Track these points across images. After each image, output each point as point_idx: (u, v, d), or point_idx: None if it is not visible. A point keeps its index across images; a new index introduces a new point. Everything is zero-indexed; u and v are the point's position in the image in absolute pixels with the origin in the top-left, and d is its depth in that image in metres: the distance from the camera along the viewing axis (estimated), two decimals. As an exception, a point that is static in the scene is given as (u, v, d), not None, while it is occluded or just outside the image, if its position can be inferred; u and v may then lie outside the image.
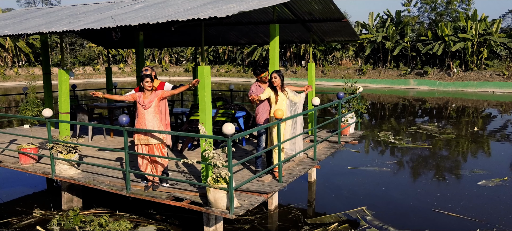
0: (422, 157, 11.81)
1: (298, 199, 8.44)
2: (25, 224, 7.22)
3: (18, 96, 28.75)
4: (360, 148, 13.15)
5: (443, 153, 12.59)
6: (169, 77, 56.12)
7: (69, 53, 58.61)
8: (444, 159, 11.86)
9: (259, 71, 6.46)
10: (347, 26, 8.98)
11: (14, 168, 7.50)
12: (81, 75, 54.96)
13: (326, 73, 44.37)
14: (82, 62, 59.42)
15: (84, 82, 50.93)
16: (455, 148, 13.09)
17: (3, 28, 7.78)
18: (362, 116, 9.81)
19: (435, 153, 12.42)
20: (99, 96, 5.87)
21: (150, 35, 10.81)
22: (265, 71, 6.49)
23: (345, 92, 9.75)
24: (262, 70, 6.45)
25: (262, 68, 6.46)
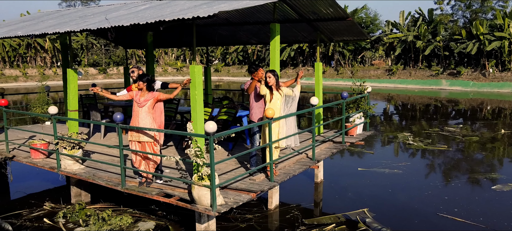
0: (438, 160, 11.45)
1: (302, 199, 8.41)
2: (34, 216, 7.58)
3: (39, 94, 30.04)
4: (374, 149, 12.91)
5: (462, 155, 12.15)
6: (200, 77, 56.88)
7: (104, 53, 60.62)
8: (460, 161, 11.45)
9: (253, 69, 6.52)
10: (353, 25, 8.86)
11: (26, 163, 7.90)
12: (115, 74, 56.77)
13: (354, 73, 43.66)
14: (117, 62, 61.30)
15: (118, 81, 52.52)
16: (476, 150, 12.60)
17: (18, 29, 8.21)
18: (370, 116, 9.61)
19: (453, 155, 12.00)
20: (97, 92, 6.11)
21: (160, 35, 11.06)
22: (258, 69, 6.55)
23: (353, 92, 9.61)
24: (255, 68, 6.51)
25: (256, 67, 6.52)
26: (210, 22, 10.25)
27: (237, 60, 59.43)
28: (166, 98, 6.17)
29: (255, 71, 6.43)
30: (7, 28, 8.92)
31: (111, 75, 56.42)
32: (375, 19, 46.27)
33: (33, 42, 52.40)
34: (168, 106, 9.04)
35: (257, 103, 6.56)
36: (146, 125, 6.02)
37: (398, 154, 12.36)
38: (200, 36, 11.44)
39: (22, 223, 7.27)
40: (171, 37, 11.83)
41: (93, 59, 59.18)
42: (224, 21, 9.89)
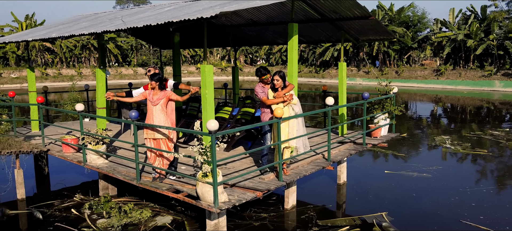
0: (473, 164, 10.89)
1: (321, 200, 8.34)
2: (64, 206, 8.09)
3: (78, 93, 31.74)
4: (407, 151, 12.49)
5: (501, 160, 11.46)
6: (243, 77, 57.57)
7: (152, 54, 62.84)
8: (498, 167, 10.81)
9: (261, 73, 6.60)
10: (377, 24, 8.65)
11: (58, 156, 8.45)
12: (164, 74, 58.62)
13: (400, 74, 42.29)
14: (164, 62, 63.36)
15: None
16: (519, 156, 11.84)
17: (53, 31, 8.80)
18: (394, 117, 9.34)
19: (490, 160, 11.36)
20: (110, 97, 6.40)
21: (188, 35, 11.36)
22: (267, 73, 6.61)
23: (379, 93, 9.39)
24: (264, 73, 6.58)
25: (264, 71, 6.59)
26: (236, 22, 10.41)
27: (280, 60, 59.46)
28: (176, 99, 6.36)
29: (263, 76, 6.51)
30: (45, 31, 9.58)
31: (166, 73, 58.32)
32: (423, 17, 44.49)
33: (87, 43, 55.36)
34: (192, 105, 9.29)
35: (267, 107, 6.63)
36: (160, 123, 6.25)
37: (432, 157, 11.88)
38: (226, 36, 11.63)
39: (52, 213, 7.79)
40: (198, 37, 12.11)
41: (142, 60, 61.54)
42: (249, 21, 10.01)
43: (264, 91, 6.52)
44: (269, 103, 6.37)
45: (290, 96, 6.31)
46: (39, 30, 10.67)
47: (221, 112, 8.75)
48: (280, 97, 6.31)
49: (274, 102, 6.33)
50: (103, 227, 6.96)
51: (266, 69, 6.64)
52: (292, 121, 6.38)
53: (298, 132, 6.46)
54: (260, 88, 6.58)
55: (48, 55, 54.00)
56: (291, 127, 6.38)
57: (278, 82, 6.30)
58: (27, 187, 9.19)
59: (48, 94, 11.32)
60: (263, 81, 6.61)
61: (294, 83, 7.61)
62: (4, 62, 51.92)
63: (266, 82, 6.63)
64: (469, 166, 10.87)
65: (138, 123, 6.30)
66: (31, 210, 7.97)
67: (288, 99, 6.27)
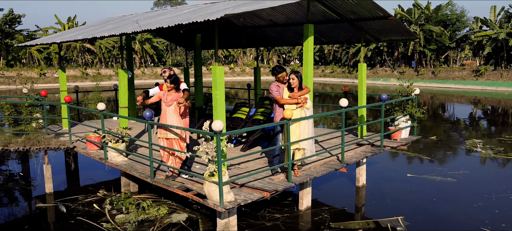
0: (503, 170, 10.42)
1: (338, 203, 8.26)
2: (87, 201, 8.45)
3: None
4: (433, 154, 12.12)
5: (535, 167, 10.90)
6: (275, 77, 57.54)
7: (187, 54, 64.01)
8: (532, 173, 10.29)
9: (276, 71, 6.61)
10: (398, 24, 8.46)
11: (83, 153, 8.83)
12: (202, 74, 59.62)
13: (436, 74, 40.93)
14: (198, 62, 64.42)
15: None
16: (555, 162, 11.21)
17: (80, 34, 9.21)
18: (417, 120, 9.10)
19: (524, 166, 10.83)
20: (139, 102, 6.60)
21: (211, 36, 11.51)
22: (283, 71, 6.61)
23: (399, 94, 9.18)
24: (279, 71, 6.59)
25: (280, 69, 6.60)
26: (257, 24, 10.48)
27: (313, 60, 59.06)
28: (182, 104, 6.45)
29: (278, 74, 6.52)
30: (74, 33, 10.03)
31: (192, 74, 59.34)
32: (462, 15, 42.84)
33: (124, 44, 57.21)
34: (211, 105, 9.44)
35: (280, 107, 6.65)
36: (173, 123, 6.42)
37: (459, 161, 11.47)
38: (250, 37, 11.73)
39: (76, 207, 8.16)
40: (221, 39, 12.26)
41: (176, 60, 62.87)
42: (270, 22, 10.05)
43: (278, 90, 6.54)
44: (283, 102, 6.39)
45: (304, 99, 6.30)
46: (69, 32, 11.18)
47: (239, 112, 8.84)
48: (294, 99, 6.31)
49: (288, 102, 6.34)
50: (121, 222, 7.22)
51: (281, 67, 6.66)
52: (303, 123, 6.37)
53: (308, 135, 6.44)
54: (275, 86, 6.61)
55: (88, 55, 56.23)
56: (302, 129, 6.38)
57: (293, 81, 6.31)
58: (58, 182, 9.69)
59: (78, 93, 11.84)
60: (279, 79, 6.63)
61: (309, 84, 7.59)
62: (48, 63, 54.56)
63: (281, 81, 6.65)
64: (498, 172, 10.42)
65: (151, 122, 6.49)
66: (57, 204, 8.37)
67: (302, 101, 6.27)
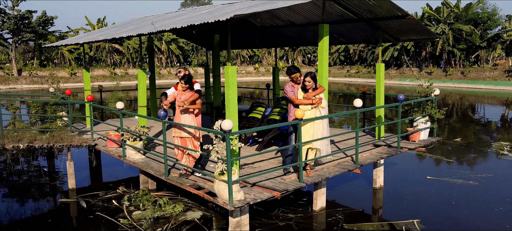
0: (530, 174, 10.05)
1: (354, 204, 8.20)
2: (107, 197, 8.70)
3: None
4: (456, 157, 11.81)
5: None
6: (300, 77, 57.32)
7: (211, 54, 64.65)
8: (560, 178, 9.88)
9: (290, 71, 6.63)
10: (417, 24, 8.31)
11: (103, 151, 9.09)
12: (221, 74, 60.13)
13: (466, 75, 39.75)
14: (223, 62, 64.98)
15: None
16: None
17: (101, 35, 9.49)
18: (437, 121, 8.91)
19: (552, 170, 10.41)
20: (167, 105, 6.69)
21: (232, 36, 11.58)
22: (297, 72, 6.62)
23: (418, 95, 9.01)
24: (293, 71, 6.60)
25: (294, 69, 6.61)
26: (276, 24, 10.51)
27: (338, 61, 58.44)
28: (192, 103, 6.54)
29: (293, 74, 6.55)
30: (97, 34, 10.35)
31: None
32: (493, 13, 41.42)
33: (144, 44, 58.31)
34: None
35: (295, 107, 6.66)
36: (186, 122, 6.54)
37: (483, 164, 11.14)
38: (269, 37, 11.76)
39: (96, 202, 8.42)
40: (241, 39, 12.35)
41: (202, 60, 63.57)
42: (287, 22, 10.06)
43: (293, 90, 6.56)
44: (298, 102, 6.40)
45: (319, 99, 6.30)
46: (91, 33, 11.53)
47: (255, 112, 8.90)
48: (309, 99, 6.32)
49: (302, 103, 6.35)
50: (137, 219, 7.40)
51: (295, 67, 6.68)
52: (317, 122, 6.36)
53: (322, 135, 6.42)
54: (289, 87, 6.63)
55: (116, 56, 57.62)
56: (315, 129, 6.37)
57: (309, 83, 6.33)
58: (82, 178, 10.03)
59: (102, 92, 12.20)
60: (293, 79, 6.65)
61: (324, 85, 7.56)
62: (78, 63, 56.26)
63: (295, 81, 6.66)
64: (525, 175, 10.05)
65: (166, 121, 6.63)
66: (78, 199, 8.66)
67: (316, 102, 6.27)
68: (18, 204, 8.63)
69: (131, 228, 7.06)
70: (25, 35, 49.88)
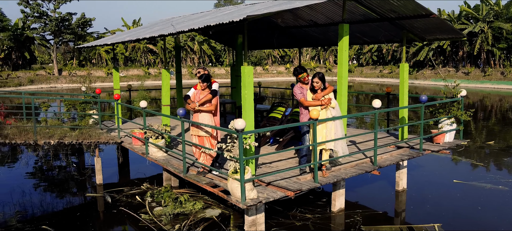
0: None
1: (375, 206, 8.08)
2: (131, 193, 8.99)
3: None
4: (488, 161, 11.37)
5: None
6: (332, 77, 56.81)
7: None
8: None
9: (297, 72, 6.64)
10: (442, 23, 8.08)
11: (128, 148, 9.40)
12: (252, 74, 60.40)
13: (506, 75, 38.05)
14: (254, 62, 65.21)
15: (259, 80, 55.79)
16: None
17: (127, 36, 9.81)
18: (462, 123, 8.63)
19: None
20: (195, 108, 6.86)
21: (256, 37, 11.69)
22: (303, 72, 6.62)
23: (444, 96, 8.76)
24: (300, 71, 6.61)
25: (301, 70, 6.61)
26: (299, 24, 10.50)
27: (371, 61, 57.39)
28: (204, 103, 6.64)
29: (299, 75, 6.55)
30: (124, 35, 10.70)
31: None
32: (537, 11, 39.44)
33: (184, 45, 59.38)
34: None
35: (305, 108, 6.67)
36: (203, 121, 6.67)
37: (516, 169, 10.68)
38: (292, 37, 11.77)
39: (120, 198, 8.72)
40: (264, 39, 12.40)
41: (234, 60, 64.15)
42: (310, 22, 10.03)
43: (302, 92, 6.57)
44: (307, 104, 6.41)
45: (328, 100, 6.27)
46: (119, 35, 11.92)
47: (275, 112, 8.94)
48: (317, 100, 6.31)
49: (311, 104, 6.36)
50: (158, 215, 7.61)
51: (302, 68, 6.68)
52: (330, 123, 6.33)
53: (336, 135, 6.39)
54: (298, 88, 6.64)
55: (150, 56, 59.06)
56: (328, 130, 6.34)
57: (317, 84, 6.32)
58: (110, 174, 10.42)
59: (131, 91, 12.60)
60: (300, 80, 6.65)
61: (343, 85, 7.51)
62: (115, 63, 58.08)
63: (303, 82, 6.67)
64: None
65: (184, 120, 6.79)
66: (104, 194, 9.00)
67: (325, 102, 6.25)
68: (50, 197, 9.05)
69: (152, 224, 7.28)
70: (65, 37, 52.02)
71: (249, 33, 12.25)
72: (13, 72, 48.11)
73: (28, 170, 11.42)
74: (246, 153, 6.26)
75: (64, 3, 50.70)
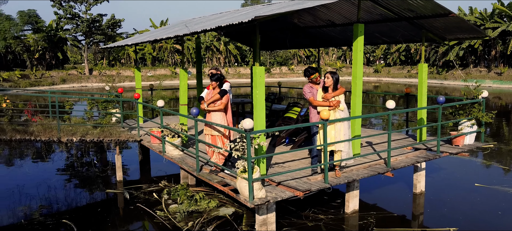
0: None
1: (390, 208, 7.97)
2: (150, 190, 9.21)
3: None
4: None
5: None
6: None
7: (269, 54, 65.11)
8: None
9: (309, 72, 6.62)
10: (461, 22, 7.87)
11: (147, 146, 9.62)
12: (277, 74, 60.52)
13: (542, 75, 36.48)
14: (280, 62, 65.19)
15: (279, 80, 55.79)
16: None
17: (148, 37, 10.04)
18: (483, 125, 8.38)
19: None
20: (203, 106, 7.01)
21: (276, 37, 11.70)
22: (315, 72, 6.60)
23: (465, 97, 8.53)
24: (312, 72, 6.59)
25: (312, 70, 6.59)
26: (317, 24, 10.46)
27: (398, 61, 56.24)
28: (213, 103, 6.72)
29: (311, 75, 6.53)
30: (144, 36, 10.96)
31: (274, 74, 60.26)
32: None
33: (210, 45, 60.03)
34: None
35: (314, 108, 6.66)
36: (215, 121, 6.77)
37: (544, 173, 10.26)
38: (311, 37, 11.72)
39: (138, 194, 8.95)
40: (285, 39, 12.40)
41: (259, 60, 64.32)
42: (328, 22, 9.97)
43: (311, 91, 6.56)
44: (315, 104, 6.40)
45: (336, 102, 6.24)
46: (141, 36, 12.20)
47: (290, 112, 8.94)
48: (326, 101, 6.29)
49: (320, 104, 6.34)
50: (173, 212, 7.77)
51: (314, 68, 6.68)
52: (338, 124, 6.30)
53: (344, 137, 6.35)
54: (308, 88, 6.63)
55: (177, 56, 60.01)
56: (337, 131, 6.31)
57: (328, 80, 6.30)
58: (131, 171, 10.69)
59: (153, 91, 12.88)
60: (312, 80, 6.64)
61: (358, 86, 7.43)
62: (143, 62, 59.37)
63: (315, 82, 6.66)
64: None
65: (198, 119, 6.90)
66: (123, 191, 9.25)
67: (334, 104, 6.22)
68: (73, 193, 9.38)
69: (166, 220, 7.44)
70: (96, 37, 53.62)
71: (268, 34, 12.30)
72: (47, 71, 49.98)
73: (56, 166, 11.87)
74: (256, 153, 6.32)
75: (95, 5, 52.23)
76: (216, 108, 6.79)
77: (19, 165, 12.19)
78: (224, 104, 6.76)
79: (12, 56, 50.35)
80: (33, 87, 45.42)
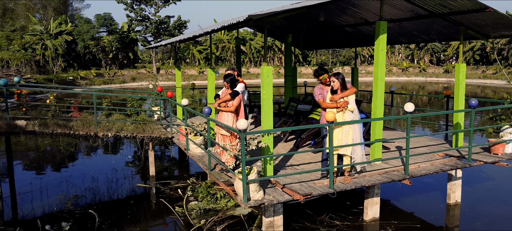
0: None
1: (416, 219, 7.44)
2: (176, 186, 9.47)
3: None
4: None
5: None
6: (426, 78, 53.02)
7: (331, 53, 63.86)
8: None
9: (318, 73, 6.38)
10: (503, 18, 7.08)
11: (176, 143, 9.90)
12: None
13: None
14: (342, 62, 63.63)
15: None
16: None
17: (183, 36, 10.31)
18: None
19: None
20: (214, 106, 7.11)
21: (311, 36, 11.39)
22: (324, 73, 6.34)
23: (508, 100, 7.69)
24: (321, 73, 6.34)
25: (321, 71, 6.34)
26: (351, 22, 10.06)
27: (472, 60, 52.23)
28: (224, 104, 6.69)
29: (321, 76, 6.29)
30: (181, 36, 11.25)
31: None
32: None
33: (272, 44, 60.22)
34: (291, 105, 9.49)
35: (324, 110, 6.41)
36: (225, 120, 6.77)
37: None
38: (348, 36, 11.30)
39: (164, 190, 9.24)
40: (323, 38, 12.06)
41: (321, 60, 63.33)
42: (362, 20, 9.55)
43: (322, 93, 6.31)
44: (324, 106, 6.15)
45: (344, 102, 5.94)
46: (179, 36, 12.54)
47: (314, 113, 8.69)
48: (334, 102, 6.02)
49: (329, 106, 6.09)
50: (191, 208, 7.92)
51: (323, 69, 6.42)
52: (346, 127, 5.99)
53: (354, 141, 6.01)
54: (318, 89, 6.40)
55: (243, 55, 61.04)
56: (344, 134, 6.00)
57: (334, 83, 6.03)
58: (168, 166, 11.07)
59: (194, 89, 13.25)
60: (322, 82, 6.39)
61: (379, 87, 7.02)
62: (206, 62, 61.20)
63: (324, 83, 6.40)
64: None
65: (210, 119, 6.96)
66: (152, 186, 9.61)
67: (341, 105, 5.93)
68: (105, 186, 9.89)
69: (182, 217, 7.60)
70: (164, 38, 56.33)
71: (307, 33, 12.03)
72: (119, 70, 53.48)
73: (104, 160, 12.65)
74: (263, 153, 6.22)
75: (163, 7, 54.87)
76: (227, 109, 6.79)
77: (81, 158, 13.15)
78: (235, 106, 6.74)
79: (90, 56, 54.58)
80: (106, 85, 48.75)
